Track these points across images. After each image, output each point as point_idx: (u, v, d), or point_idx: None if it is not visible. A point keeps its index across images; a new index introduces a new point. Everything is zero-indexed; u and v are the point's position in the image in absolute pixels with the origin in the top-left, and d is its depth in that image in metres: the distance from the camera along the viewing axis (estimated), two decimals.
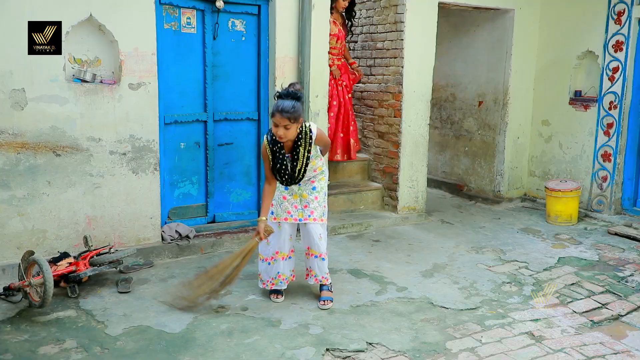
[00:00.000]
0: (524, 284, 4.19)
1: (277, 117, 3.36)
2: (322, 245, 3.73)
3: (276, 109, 3.37)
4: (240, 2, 4.83)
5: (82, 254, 4.02)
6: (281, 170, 3.54)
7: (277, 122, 3.36)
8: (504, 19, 6.41)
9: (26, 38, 3.87)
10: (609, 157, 5.92)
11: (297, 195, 3.67)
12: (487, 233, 5.54)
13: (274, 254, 3.74)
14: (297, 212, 3.67)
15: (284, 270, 3.78)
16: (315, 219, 3.67)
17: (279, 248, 3.73)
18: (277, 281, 3.78)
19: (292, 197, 3.67)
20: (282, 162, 3.53)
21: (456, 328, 3.47)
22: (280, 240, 3.72)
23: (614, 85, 5.82)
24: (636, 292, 4.02)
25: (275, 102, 3.45)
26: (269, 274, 3.78)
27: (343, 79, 5.94)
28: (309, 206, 3.67)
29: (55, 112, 4.05)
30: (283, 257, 3.76)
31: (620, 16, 5.72)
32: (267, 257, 3.75)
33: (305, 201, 3.67)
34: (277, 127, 3.38)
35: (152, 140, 4.45)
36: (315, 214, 3.67)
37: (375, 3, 6.12)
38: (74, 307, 3.65)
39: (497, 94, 6.59)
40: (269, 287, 3.81)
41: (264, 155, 3.59)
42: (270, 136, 3.55)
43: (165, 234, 4.64)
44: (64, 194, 4.15)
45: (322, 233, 3.73)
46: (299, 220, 3.68)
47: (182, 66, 4.72)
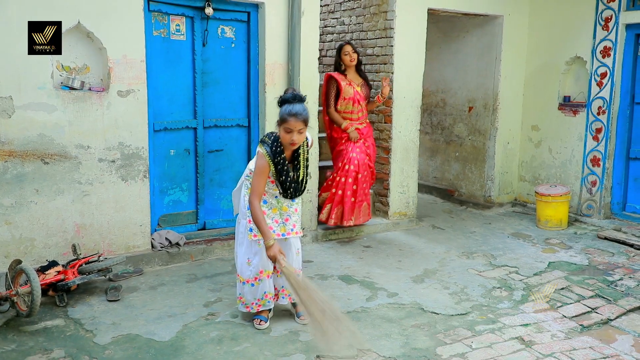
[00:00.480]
0: (514, 289, 4.20)
1: (291, 121, 3.15)
2: (299, 260, 3.62)
3: (289, 113, 3.16)
4: (229, 9, 4.84)
5: (70, 262, 3.99)
6: (286, 181, 3.32)
7: (291, 127, 3.16)
8: (493, 25, 6.46)
9: (13, 45, 3.86)
10: (598, 161, 5.96)
11: (277, 208, 3.47)
12: (478, 238, 5.55)
13: (258, 274, 3.46)
14: (279, 226, 3.46)
15: (270, 288, 3.53)
16: (297, 232, 3.54)
17: (262, 267, 3.45)
18: (264, 301, 3.50)
19: (271, 211, 3.44)
20: (287, 173, 3.31)
21: (447, 334, 3.46)
22: (263, 259, 3.41)
23: (602, 90, 5.87)
24: (625, 296, 4.04)
25: (283, 108, 3.22)
26: (254, 296, 3.49)
27: (367, 141, 5.36)
28: (290, 219, 3.51)
29: (43, 119, 4.02)
30: (268, 275, 3.50)
31: (607, 22, 5.78)
32: (249, 279, 3.47)
33: (286, 214, 3.49)
34: (290, 133, 3.18)
35: (141, 147, 4.43)
36: (297, 227, 3.54)
37: (365, 9, 6.15)
38: (62, 316, 3.62)
39: (487, 100, 6.63)
40: (255, 309, 3.52)
41: (262, 169, 3.25)
42: (270, 147, 3.28)
43: (155, 242, 4.62)
44: (52, 202, 4.12)
45: (299, 247, 3.61)
46: (281, 235, 3.46)
47: (171, 73, 4.71)
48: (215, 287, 4.17)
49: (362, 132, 5.34)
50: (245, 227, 3.47)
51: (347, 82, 5.23)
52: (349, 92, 5.20)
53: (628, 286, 4.23)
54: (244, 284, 3.51)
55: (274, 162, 3.27)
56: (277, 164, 3.28)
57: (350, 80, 5.28)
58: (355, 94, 5.23)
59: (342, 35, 6.71)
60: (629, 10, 5.65)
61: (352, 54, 5.27)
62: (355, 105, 5.24)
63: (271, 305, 3.57)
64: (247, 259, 3.48)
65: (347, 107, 5.22)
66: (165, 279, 4.29)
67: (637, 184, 5.90)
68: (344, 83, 5.24)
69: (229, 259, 4.75)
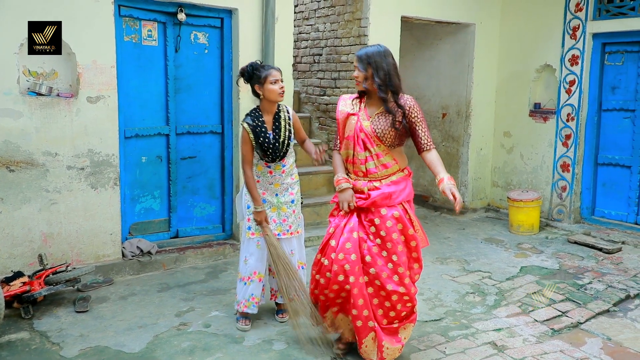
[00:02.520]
0: (487, 294, 4.24)
1: (274, 73, 3.50)
2: (295, 259, 3.65)
3: (269, 67, 3.53)
4: (202, 15, 4.80)
5: (37, 273, 3.88)
6: (264, 143, 3.46)
7: (276, 78, 3.49)
8: (466, 33, 6.54)
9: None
10: (568, 167, 6.07)
11: (276, 207, 3.58)
12: (452, 244, 5.59)
13: (252, 274, 3.57)
14: (276, 226, 3.57)
15: (258, 292, 3.60)
16: (292, 233, 3.63)
17: (256, 268, 3.57)
18: (250, 304, 3.57)
19: (270, 210, 3.56)
20: (264, 134, 3.47)
21: (420, 340, 3.47)
22: (258, 260, 3.57)
23: (571, 97, 6.00)
24: (594, 300, 4.11)
25: (262, 70, 3.50)
26: (243, 295, 3.58)
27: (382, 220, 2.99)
28: (287, 220, 3.60)
29: (8, 126, 3.92)
30: (260, 278, 3.59)
31: (575, 31, 5.91)
32: (244, 277, 3.58)
33: (284, 215, 3.59)
34: (277, 82, 3.49)
35: (111, 154, 4.34)
36: (293, 227, 3.63)
37: (339, 16, 6.17)
38: (28, 329, 3.51)
39: (460, 106, 6.70)
40: (241, 309, 3.59)
41: (244, 138, 3.50)
42: (249, 117, 3.54)
43: (126, 250, 4.53)
44: (17, 211, 4.01)
45: (294, 248, 3.66)
46: (277, 235, 3.56)
47: (143, 79, 4.64)
48: (187, 296, 4.10)
49: (366, 197, 3.03)
50: (245, 226, 3.59)
51: (354, 111, 3.13)
52: (349, 126, 3.12)
53: (597, 289, 4.30)
54: (240, 281, 3.62)
55: (252, 126, 3.48)
56: (254, 128, 3.47)
57: (363, 108, 3.12)
58: (358, 131, 3.06)
59: (316, 41, 6.72)
60: (595, 20, 5.80)
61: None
62: (356, 149, 3.06)
63: (255, 310, 3.62)
64: (244, 257, 3.59)
65: (348, 153, 3.12)
66: (136, 289, 4.20)
67: (605, 189, 6.03)
68: (347, 109, 3.16)
69: (202, 267, 4.69)
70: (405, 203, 3.06)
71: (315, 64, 6.73)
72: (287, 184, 3.62)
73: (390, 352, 3.07)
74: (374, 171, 3.06)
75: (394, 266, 2.98)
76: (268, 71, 3.49)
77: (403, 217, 3.00)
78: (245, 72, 3.56)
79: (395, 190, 3.02)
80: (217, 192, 5.14)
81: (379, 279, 2.97)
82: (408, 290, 3.00)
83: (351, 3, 5.92)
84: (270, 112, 3.56)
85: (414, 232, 3.04)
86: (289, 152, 3.61)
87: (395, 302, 3.00)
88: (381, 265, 2.97)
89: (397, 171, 3.10)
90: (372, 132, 3.03)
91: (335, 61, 6.29)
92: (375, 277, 2.98)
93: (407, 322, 3.11)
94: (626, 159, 5.81)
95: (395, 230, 2.98)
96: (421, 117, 3.08)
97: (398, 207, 3.01)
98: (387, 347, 3.04)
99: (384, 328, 3.06)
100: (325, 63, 6.50)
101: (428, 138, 3.10)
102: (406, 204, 3.07)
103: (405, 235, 3.02)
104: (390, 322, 3.07)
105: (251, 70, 3.54)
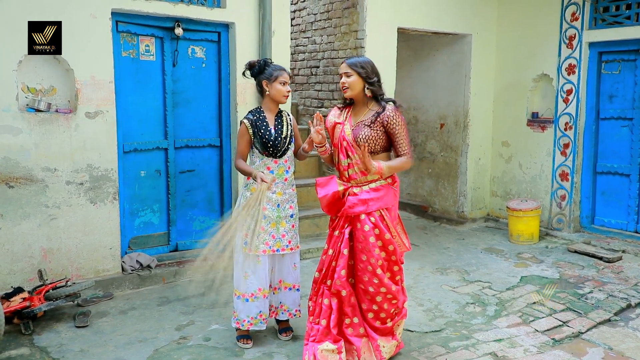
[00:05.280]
0: (488, 304, 4.22)
1: (286, 75, 3.54)
2: (297, 274, 3.63)
3: (280, 68, 3.56)
4: (199, 29, 4.83)
5: (36, 289, 3.88)
6: (264, 136, 3.44)
7: (286, 80, 3.54)
8: (462, 44, 6.59)
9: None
10: (567, 176, 6.08)
11: (275, 223, 3.49)
12: (452, 254, 5.59)
13: (256, 291, 3.47)
14: (275, 242, 3.49)
15: (265, 308, 3.53)
16: (292, 249, 3.57)
17: (260, 284, 3.47)
18: (257, 321, 3.49)
19: (269, 226, 3.47)
20: (266, 129, 3.47)
21: (421, 351, 3.46)
22: (260, 276, 3.47)
23: (569, 106, 6.02)
24: (595, 309, 4.09)
25: (271, 68, 3.53)
26: (247, 313, 3.47)
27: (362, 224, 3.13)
28: (286, 235, 3.53)
29: (7, 142, 3.93)
30: (265, 295, 3.50)
31: (571, 40, 5.95)
32: (244, 294, 3.47)
33: (283, 230, 3.52)
34: (284, 85, 3.53)
35: (110, 169, 4.36)
36: (292, 242, 3.57)
37: (336, 29, 6.22)
38: (28, 345, 3.50)
39: (457, 116, 6.73)
40: (246, 327, 3.49)
41: (242, 132, 3.51)
42: (250, 113, 3.57)
43: (126, 265, 4.53)
44: (17, 227, 4.01)
45: (296, 262, 3.63)
46: (276, 250, 3.50)
47: (141, 94, 4.67)
48: (187, 309, 4.09)
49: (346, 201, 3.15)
50: (242, 240, 3.44)
51: (340, 120, 3.26)
52: (335, 134, 3.26)
53: (598, 299, 4.29)
54: (239, 298, 3.50)
55: (252, 121, 3.50)
56: (254, 122, 3.49)
57: (349, 117, 3.26)
58: (341, 139, 3.20)
59: (313, 54, 6.76)
60: (591, 29, 5.84)
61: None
62: (340, 156, 3.21)
63: (263, 327, 3.54)
64: (245, 273, 3.48)
65: (334, 160, 3.31)
66: (136, 303, 4.20)
67: (604, 197, 6.03)
68: (335, 118, 3.30)
69: (201, 281, 4.68)
70: (383, 210, 3.14)
71: (313, 76, 6.77)
72: (289, 194, 3.58)
73: (387, 350, 3.24)
74: (355, 177, 3.19)
75: (373, 268, 3.11)
76: (280, 72, 3.53)
77: (379, 223, 3.11)
78: (257, 65, 3.57)
79: (372, 197, 3.12)
80: (216, 205, 5.15)
81: (362, 282, 3.15)
82: (389, 289, 3.15)
83: (347, 15, 5.97)
84: (273, 111, 3.58)
85: (390, 237, 3.13)
86: (290, 157, 3.57)
87: (381, 302, 3.17)
88: (362, 268, 3.14)
89: (378, 179, 3.16)
90: (352, 140, 3.15)
91: (332, 73, 6.33)
92: (359, 282, 3.16)
93: (399, 318, 3.32)
94: (625, 167, 5.82)
95: (372, 234, 3.10)
96: (401, 126, 3.17)
97: (375, 213, 3.11)
98: (383, 345, 3.22)
99: (377, 329, 3.21)
100: (322, 75, 6.54)
101: (406, 146, 3.20)
102: (384, 211, 3.15)
103: (382, 240, 3.12)
104: (384, 322, 3.22)
105: (263, 64, 3.56)
